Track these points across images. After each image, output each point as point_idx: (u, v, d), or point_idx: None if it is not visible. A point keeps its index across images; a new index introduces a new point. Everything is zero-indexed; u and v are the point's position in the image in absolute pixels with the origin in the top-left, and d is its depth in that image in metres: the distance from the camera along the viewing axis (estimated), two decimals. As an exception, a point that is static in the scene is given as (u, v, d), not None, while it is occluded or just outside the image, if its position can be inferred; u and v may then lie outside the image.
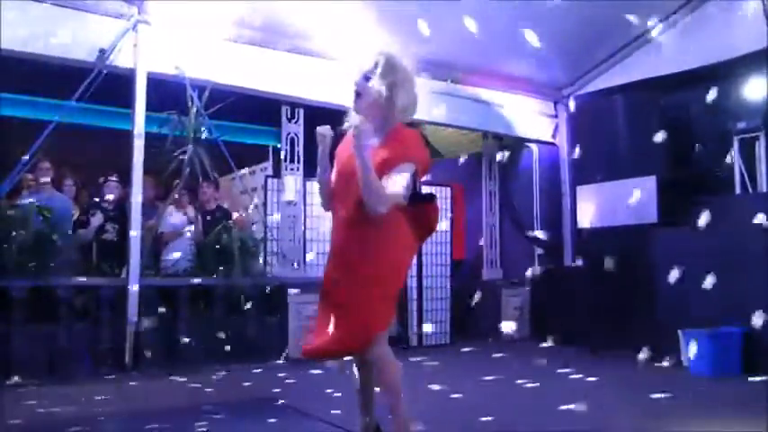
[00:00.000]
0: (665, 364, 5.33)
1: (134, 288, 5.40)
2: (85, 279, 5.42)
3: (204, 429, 3.54)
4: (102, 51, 5.38)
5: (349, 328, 2.59)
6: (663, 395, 4.23)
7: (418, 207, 2.71)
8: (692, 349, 5.21)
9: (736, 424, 3.61)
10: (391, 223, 2.61)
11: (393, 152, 2.60)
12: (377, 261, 2.62)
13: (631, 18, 6.21)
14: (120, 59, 5.51)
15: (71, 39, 5.23)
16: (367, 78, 2.66)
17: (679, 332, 5.37)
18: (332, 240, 2.84)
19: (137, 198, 5.55)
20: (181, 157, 5.99)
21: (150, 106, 5.66)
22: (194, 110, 6.00)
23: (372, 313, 2.61)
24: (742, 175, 6.11)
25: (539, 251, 8.47)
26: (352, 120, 2.77)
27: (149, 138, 5.69)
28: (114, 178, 6.29)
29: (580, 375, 5.06)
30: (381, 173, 2.56)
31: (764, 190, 5.90)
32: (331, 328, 2.62)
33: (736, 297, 5.12)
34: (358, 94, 2.68)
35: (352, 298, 2.62)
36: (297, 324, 6.13)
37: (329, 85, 6.54)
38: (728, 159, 6.10)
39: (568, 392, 4.37)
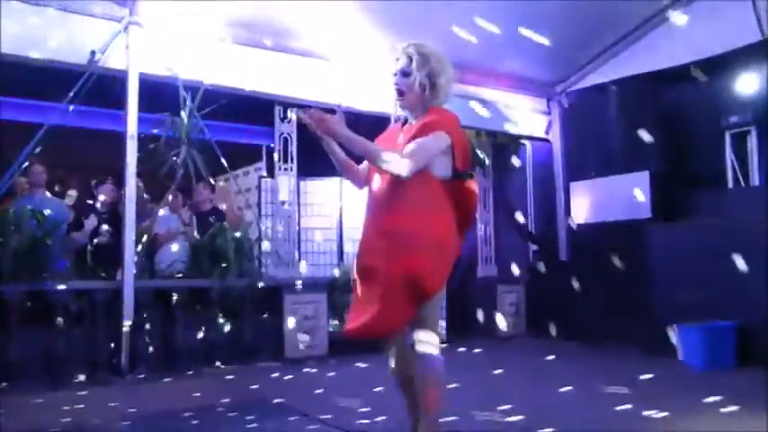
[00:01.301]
0: (660, 357, 5.36)
1: (129, 291, 5.40)
2: (80, 282, 5.41)
3: (200, 430, 3.55)
4: (93, 53, 5.37)
5: (383, 308, 2.54)
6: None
7: (456, 188, 2.70)
8: (686, 343, 5.25)
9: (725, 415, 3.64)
10: (429, 200, 2.62)
11: (423, 125, 2.65)
12: (412, 228, 2.57)
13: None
14: (112, 61, 5.50)
15: (62, 41, 5.20)
16: (405, 74, 2.70)
17: (673, 326, 5.39)
18: (365, 221, 2.79)
19: (131, 200, 5.54)
20: (174, 158, 5.99)
21: (143, 107, 5.64)
22: (187, 111, 6.00)
23: (402, 297, 2.52)
24: (734, 169, 6.15)
25: (533, 247, 8.49)
26: (398, 113, 2.83)
27: (143, 139, 5.68)
28: (108, 181, 6.28)
29: (573, 369, 5.09)
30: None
31: (756, 184, 5.93)
32: (367, 308, 2.58)
33: (729, 291, 5.15)
34: (401, 93, 2.73)
35: (388, 274, 2.56)
36: (292, 324, 6.13)
37: (322, 84, 6.56)
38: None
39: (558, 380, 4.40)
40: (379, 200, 2.71)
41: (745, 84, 5.88)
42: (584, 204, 7.36)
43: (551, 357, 5.72)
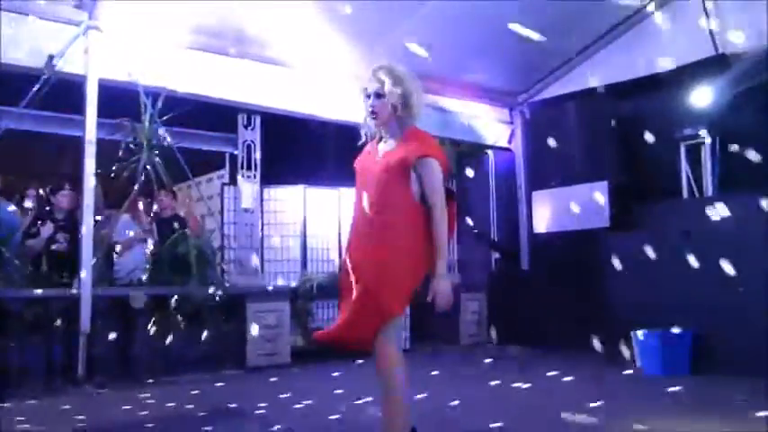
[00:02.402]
0: (619, 364, 5.47)
1: (86, 299, 5.28)
2: (36, 291, 5.27)
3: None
4: (51, 57, 5.26)
5: (358, 316, 2.71)
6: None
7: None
8: (643, 349, 5.36)
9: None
10: (406, 226, 2.76)
11: (415, 148, 2.79)
12: (391, 252, 2.72)
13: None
14: (71, 66, 5.39)
15: (19, 44, 5.10)
16: (379, 96, 2.83)
17: (632, 333, 5.50)
18: (350, 235, 2.98)
19: (89, 206, 5.43)
20: (134, 164, 5.90)
21: (102, 112, 5.55)
22: (148, 117, 5.92)
23: (381, 305, 2.69)
24: (689, 179, 6.31)
25: (496, 256, 8.58)
26: (367, 130, 2.97)
27: (102, 144, 5.58)
28: (66, 187, 6.14)
29: (532, 376, 5.15)
30: (402, 167, 2.75)
31: (710, 194, 6.10)
32: (343, 316, 2.78)
33: (685, 298, 5.28)
34: (374, 114, 2.85)
35: (362, 290, 2.72)
36: (255, 333, 6.08)
37: (286, 92, 6.54)
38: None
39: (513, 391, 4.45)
40: (364, 221, 2.85)
41: (700, 97, 6.05)
42: (545, 213, 7.47)
43: (501, 362, 5.78)
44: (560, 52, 7.41)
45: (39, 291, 5.28)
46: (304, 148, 8.00)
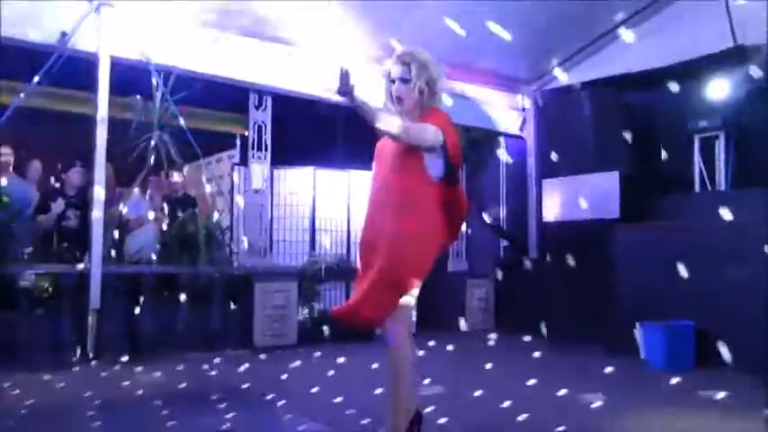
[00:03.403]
0: (623, 355, 5.46)
1: (96, 275, 5.32)
2: (46, 267, 5.32)
3: (166, 419, 3.53)
4: (63, 34, 5.26)
5: (375, 291, 2.71)
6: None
7: (449, 191, 2.85)
8: (648, 342, 5.35)
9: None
10: (421, 202, 2.76)
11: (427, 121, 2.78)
12: (407, 227, 2.71)
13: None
14: (83, 43, 5.39)
15: (32, 21, 5.09)
16: (405, 81, 2.82)
17: (637, 325, 5.49)
18: (367, 213, 2.95)
19: (100, 184, 5.46)
20: (145, 143, 5.91)
21: (114, 90, 5.55)
22: (159, 95, 5.92)
23: (398, 279, 2.70)
24: (701, 173, 6.25)
25: (504, 243, 8.56)
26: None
27: (113, 122, 5.59)
28: (76, 164, 6.17)
29: (534, 365, 5.16)
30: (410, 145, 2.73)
31: (723, 188, 6.04)
32: (360, 291, 2.79)
33: (693, 292, 5.25)
34: (400, 100, 2.86)
35: (379, 266, 2.72)
36: (262, 313, 6.12)
37: (298, 72, 6.51)
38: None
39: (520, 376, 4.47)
40: (378, 197, 2.87)
41: (716, 89, 5.98)
42: (555, 202, 7.43)
43: (505, 349, 5.78)
44: (575, 40, 7.33)
45: (49, 267, 5.35)
46: (314, 130, 7.99)
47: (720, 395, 4.10)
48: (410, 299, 2.80)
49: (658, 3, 6.72)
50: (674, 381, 4.54)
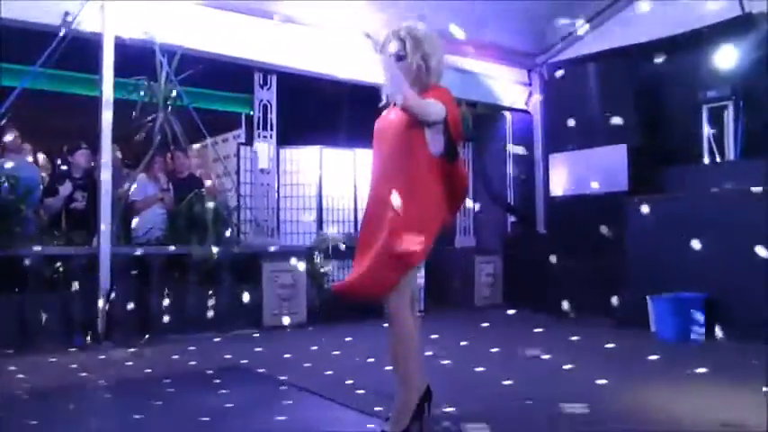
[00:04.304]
0: (634, 328, 5.47)
1: (105, 256, 5.35)
2: (56, 248, 5.35)
3: (174, 397, 3.56)
4: (67, 14, 5.23)
5: (378, 265, 2.70)
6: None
7: (450, 167, 2.82)
8: (657, 314, 5.35)
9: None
10: (422, 179, 2.74)
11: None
12: (408, 203, 2.68)
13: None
14: (87, 23, 5.36)
15: (35, 1, 5.06)
16: (400, 58, 2.78)
17: (647, 298, 5.48)
18: (369, 190, 2.94)
19: (107, 165, 5.46)
20: (151, 123, 5.90)
21: (118, 71, 5.53)
22: (164, 75, 5.90)
23: (400, 253, 2.67)
24: (710, 143, 6.19)
25: (512, 219, 8.55)
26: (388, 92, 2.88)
27: (118, 104, 5.58)
28: (83, 146, 6.17)
29: (544, 338, 5.17)
30: (412, 121, 2.70)
31: (732, 158, 6.00)
32: (362, 265, 2.77)
33: (703, 263, 5.22)
34: None
35: (382, 241, 2.71)
36: (271, 293, 6.14)
37: (303, 51, 6.47)
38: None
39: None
40: (380, 175, 2.85)
41: (724, 58, 5.90)
42: (562, 176, 7.39)
43: (514, 324, 5.78)
44: (581, 12, 7.24)
45: (58, 248, 5.37)
46: (320, 109, 7.95)
47: (732, 367, 4.11)
48: (412, 275, 2.79)
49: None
50: (685, 353, 4.54)
